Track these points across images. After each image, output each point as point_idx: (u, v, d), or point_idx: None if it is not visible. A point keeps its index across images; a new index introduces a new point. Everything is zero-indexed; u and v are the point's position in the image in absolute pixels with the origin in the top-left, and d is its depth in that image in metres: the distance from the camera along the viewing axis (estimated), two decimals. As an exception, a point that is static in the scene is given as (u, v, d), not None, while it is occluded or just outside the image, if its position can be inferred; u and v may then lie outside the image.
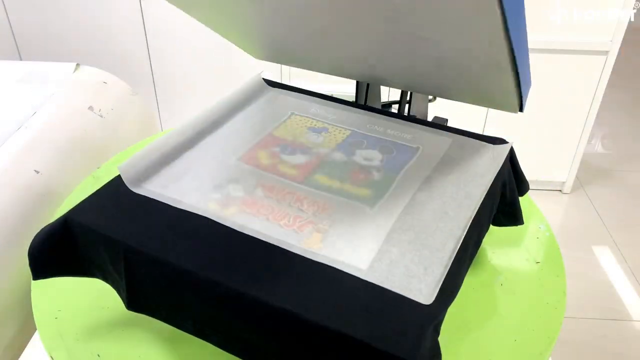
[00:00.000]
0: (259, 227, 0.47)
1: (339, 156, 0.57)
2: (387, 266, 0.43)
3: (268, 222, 0.47)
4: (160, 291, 0.45)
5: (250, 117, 0.63)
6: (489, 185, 0.52)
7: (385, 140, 0.59)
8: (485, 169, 0.54)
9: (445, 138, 0.59)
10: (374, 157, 0.57)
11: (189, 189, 0.51)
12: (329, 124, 0.62)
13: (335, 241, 0.46)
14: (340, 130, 0.61)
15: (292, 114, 0.64)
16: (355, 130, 0.61)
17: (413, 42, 0.50)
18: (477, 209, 0.50)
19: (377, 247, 0.45)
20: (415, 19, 0.45)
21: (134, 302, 0.47)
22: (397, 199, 0.51)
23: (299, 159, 0.56)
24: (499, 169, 0.54)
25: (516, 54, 0.45)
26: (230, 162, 0.55)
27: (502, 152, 0.56)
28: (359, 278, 0.42)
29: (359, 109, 0.65)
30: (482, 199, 0.51)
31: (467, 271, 0.47)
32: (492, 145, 0.57)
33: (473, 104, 0.62)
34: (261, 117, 0.63)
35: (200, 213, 0.48)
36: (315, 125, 0.62)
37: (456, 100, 0.62)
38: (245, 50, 0.73)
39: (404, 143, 0.59)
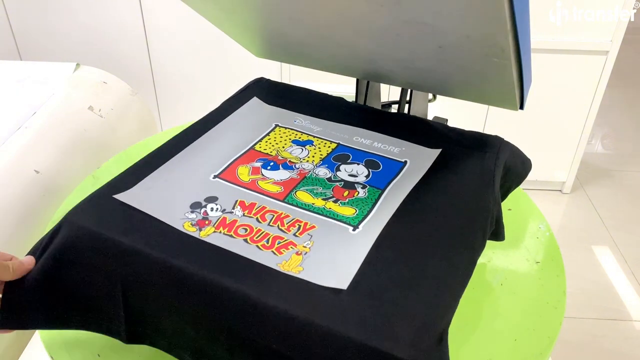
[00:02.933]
0: (236, 249, 0.44)
1: (323, 172, 0.54)
2: (367, 290, 0.41)
3: (246, 244, 0.45)
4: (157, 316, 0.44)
5: (232, 129, 0.60)
6: (478, 202, 0.50)
7: (372, 154, 0.57)
8: (474, 186, 0.52)
9: (434, 152, 0.57)
10: (360, 172, 0.54)
11: (163, 208, 0.48)
12: (314, 136, 0.60)
13: (315, 264, 0.43)
14: (325, 143, 0.59)
15: (276, 125, 0.61)
16: (341, 143, 0.59)
17: (415, 31, 0.49)
18: (465, 227, 0.47)
19: (358, 270, 0.42)
20: (417, 2, 0.44)
21: (133, 330, 0.45)
22: (381, 218, 0.48)
23: (282, 174, 0.54)
24: (489, 186, 0.52)
25: (520, 39, 0.43)
26: (209, 178, 0.52)
27: (490, 167, 0.53)
28: (337, 305, 0.40)
29: (347, 120, 0.62)
30: (470, 216, 0.49)
31: (462, 292, 0.44)
32: (481, 158, 0.55)
33: (474, 101, 0.61)
34: (244, 129, 0.60)
35: (173, 235, 0.45)
36: (300, 137, 0.59)
37: (457, 97, 0.62)
38: (245, 47, 0.73)
39: (390, 157, 0.56)
